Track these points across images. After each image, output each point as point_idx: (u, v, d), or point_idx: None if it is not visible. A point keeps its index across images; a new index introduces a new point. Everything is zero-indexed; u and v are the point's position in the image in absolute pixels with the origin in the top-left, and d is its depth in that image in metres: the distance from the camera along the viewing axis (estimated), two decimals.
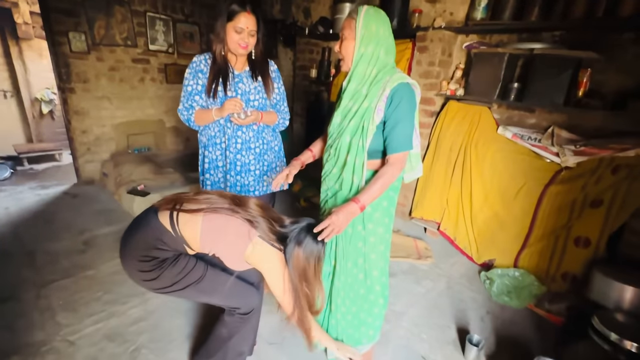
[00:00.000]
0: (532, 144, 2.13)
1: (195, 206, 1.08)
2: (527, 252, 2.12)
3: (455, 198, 2.51)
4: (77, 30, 2.90)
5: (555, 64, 1.98)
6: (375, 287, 1.39)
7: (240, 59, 1.49)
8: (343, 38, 1.17)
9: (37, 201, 2.96)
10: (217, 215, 1.08)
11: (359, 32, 1.11)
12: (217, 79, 1.44)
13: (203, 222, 1.06)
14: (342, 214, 1.07)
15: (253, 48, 1.47)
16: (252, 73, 1.51)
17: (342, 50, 1.18)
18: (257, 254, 1.08)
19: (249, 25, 1.36)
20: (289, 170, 1.38)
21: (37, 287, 1.85)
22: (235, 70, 1.50)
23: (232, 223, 1.07)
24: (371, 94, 1.15)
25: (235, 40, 1.38)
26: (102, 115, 3.25)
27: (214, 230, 1.07)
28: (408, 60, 2.71)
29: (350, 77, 1.20)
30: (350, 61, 1.18)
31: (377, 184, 1.12)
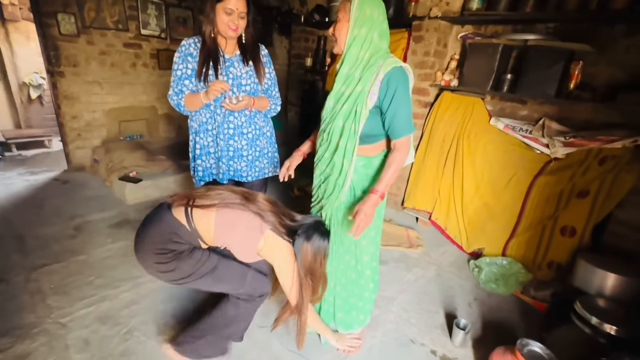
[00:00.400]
0: (523, 135, 2.16)
1: (207, 202, 1.13)
2: (515, 241, 2.17)
3: (447, 188, 2.54)
4: (66, 11, 2.82)
5: (549, 55, 1.99)
6: (365, 272, 1.41)
7: (230, 42, 1.47)
8: (337, 20, 1.16)
9: (26, 187, 2.92)
10: (229, 210, 1.13)
11: (353, 14, 1.11)
12: (208, 62, 1.42)
13: (216, 217, 1.11)
14: (366, 207, 1.13)
15: (243, 31, 1.45)
16: (243, 57, 1.50)
17: (336, 32, 1.18)
18: (269, 246, 1.14)
19: (239, 7, 1.35)
20: (290, 162, 1.42)
21: (27, 270, 1.83)
22: (226, 54, 1.48)
23: (244, 217, 1.13)
24: (364, 78, 1.15)
25: (225, 22, 1.36)
26: (92, 101, 3.19)
27: (227, 224, 1.12)
28: (403, 50, 2.71)
29: (343, 60, 1.20)
30: (343, 43, 1.18)
31: (390, 170, 1.16)
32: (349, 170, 1.22)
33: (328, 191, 1.31)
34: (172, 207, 1.14)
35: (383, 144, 1.27)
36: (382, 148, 1.28)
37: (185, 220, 1.11)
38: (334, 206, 1.30)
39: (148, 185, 2.77)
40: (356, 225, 1.12)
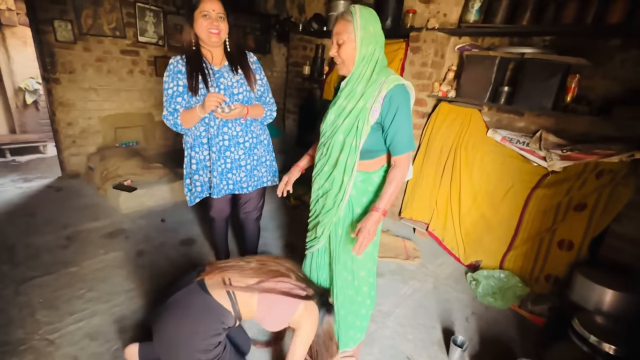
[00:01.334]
0: (520, 148, 2.16)
1: (243, 281, 1.16)
2: (513, 254, 2.16)
3: (444, 199, 2.53)
4: (62, 18, 2.81)
5: (545, 68, 2.00)
6: (362, 288, 1.39)
7: (216, 53, 1.46)
8: (340, 42, 1.13)
9: (19, 194, 2.88)
10: (270, 286, 1.16)
11: (358, 34, 1.10)
12: (197, 74, 1.40)
13: (259, 298, 1.14)
14: (369, 224, 1.13)
15: (227, 39, 1.44)
16: (231, 66, 1.48)
17: (342, 54, 1.15)
18: (306, 314, 1.17)
19: (215, 8, 1.33)
20: (288, 177, 1.42)
21: (16, 283, 1.79)
22: (214, 67, 1.47)
23: (283, 299, 1.15)
24: (367, 94, 1.15)
25: (205, 27, 1.34)
26: (88, 107, 3.16)
27: (269, 303, 1.15)
28: (401, 60, 2.71)
29: (349, 78, 1.19)
30: (351, 64, 1.16)
31: (391, 187, 1.16)
32: (349, 186, 1.21)
33: (327, 206, 1.29)
34: (209, 289, 1.11)
35: (383, 159, 1.27)
36: (382, 164, 1.27)
37: (231, 306, 1.10)
38: (332, 221, 1.28)
39: (143, 194, 2.74)
40: (359, 243, 1.12)
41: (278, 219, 2.81)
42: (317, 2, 3.56)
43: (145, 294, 1.78)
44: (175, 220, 2.64)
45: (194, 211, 2.80)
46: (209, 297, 1.09)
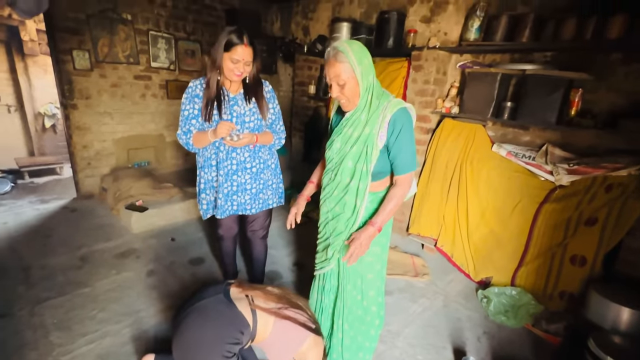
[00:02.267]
0: (526, 162, 2.15)
1: (266, 303, 1.20)
2: (524, 270, 2.11)
3: (451, 214, 2.52)
4: (81, 48, 2.98)
5: (547, 83, 2.02)
6: (371, 308, 1.39)
7: (234, 82, 1.53)
8: (341, 83, 1.15)
9: (36, 215, 2.97)
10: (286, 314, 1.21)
11: (357, 71, 1.13)
12: (212, 103, 1.47)
13: (275, 323, 1.18)
14: (362, 237, 1.16)
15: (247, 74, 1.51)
16: (245, 96, 1.55)
17: (347, 93, 1.17)
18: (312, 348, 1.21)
19: (245, 57, 1.41)
20: (296, 209, 1.46)
21: (31, 304, 1.84)
22: (230, 94, 1.53)
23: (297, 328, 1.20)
24: (371, 121, 1.18)
25: (231, 69, 1.42)
26: (103, 131, 3.29)
27: (283, 332, 1.19)
28: (404, 79, 2.77)
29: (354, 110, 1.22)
30: (357, 99, 1.19)
31: (390, 205, 1.19)
32: (361, 209, 1.24)
33: (338, 229, 1.31)
34: (235, 301, 1.16)
35: (389, 179, 1.30)
36: (389, 182, 1.31)
37: (252, 320, 1.14)
38: (344, 244, 1.30)
39: (154, 213, 2.80)
40: (350, 253, 1.16)
41: (286, 237, 2.83)
42: (321, 24, 3.68)
43: (155, 315, 1.80)
44: (185, 239, 2.69)
45: (203, 230, 2.84)
46: (235, 307, 1.13)
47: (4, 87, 4.32)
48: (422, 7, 2.76)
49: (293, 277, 2.28)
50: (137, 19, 3.24)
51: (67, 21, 2.85)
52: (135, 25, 3.24)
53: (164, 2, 3.37)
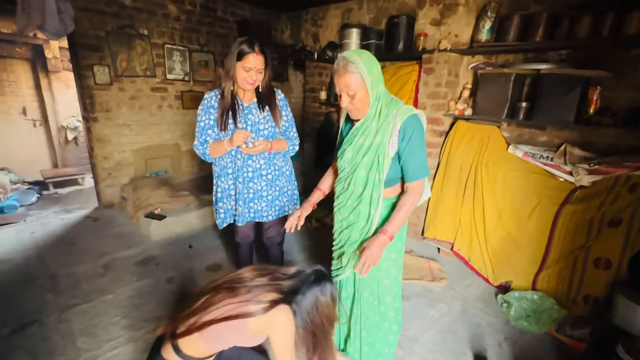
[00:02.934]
0: (544, 163, 2.11)
1: (189, 323, 1.05)
2: (545, 274, 2.06)
3: (467, 217, 2.48)
4: (101, 63, 3.10)
5: (564, 82, 1.98)
6: (388, 314, 1.39)
7: (248, 92, 1.57)
8: (351, 94, 1.15)
9: (61, 225, 3.10)
10: (208, 326, 1.03)
11: (367, 81, 1.13)
12: (227, 112, 1.52)
13: (203, 336, 1.03)
14: (374, 246, 1.16)
15: (260, 82, 1.55)
16: (259, 104, 1.58)
17: (357, 103, 1.17)
18: (266, 328, 1.03)
19: (257, 65, 1.45)
20: (300, 212, 1.44)
21: (59, 310, 1.91)
22: (244, 103, 1.57)
23: (226, 325, 1.02)
24: (382, 129, 1.19)
25: (244, 78, 1.46)
26: (122, 142, 3.41)
27: (216, 335, 1.04)
28: (415, 82, 2.76)
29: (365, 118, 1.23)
30: (367, 108, 1.19)
31: (401, 212, 1.19)
32: (375, 217, 1.24)
33: (353, 237, 1.32)
34: (162, 348, 1.09)
35: (401, 185, 1.30)
36: (401, 189, 1.31)
37: (177, 357, 1.05)
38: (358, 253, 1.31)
39: (172, 221, 2.88)
40: (362, 262, 1.15)
41: (301, 242, 2.85)
42: (330, 30, 3.73)
43: None
44: (202, 246, 2.74)
45: (219, 237, 2.89)
46: (160, 356, 1.05)
47: (29, 103, 4.53)
48: (431, 10, 2.76)
49: None
50: (153, 34, 3.35)
51: (88, 38, 2.99)
52: (152, 40, 3.35)
53: (178, 16, 3.48)
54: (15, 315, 1.85)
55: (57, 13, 1.64)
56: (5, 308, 1.90)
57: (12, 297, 2.01)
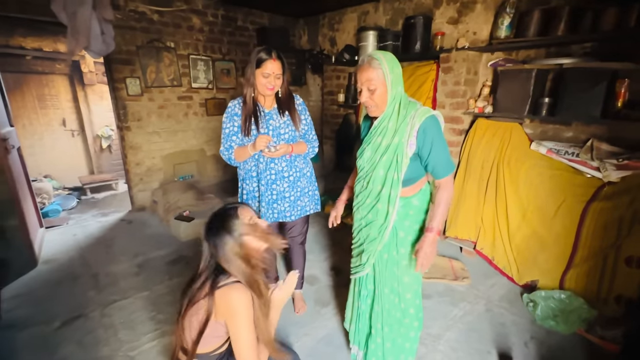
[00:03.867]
0: (569, 159, 2.06)
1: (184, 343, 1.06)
2: (573, 273, 2.01)
3: (490, 216, 2.45)
4: (132, 76, 3.32)
5: (589, 76, 1.94)
6: (409, 310, 1.42)
7: (268, 98, 1.66)
8: (372, 88, 1.21)
9: (99, 227, 3.33)
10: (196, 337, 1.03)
11: (388, 78, 1.20)
12: (250, 119, 1.61)
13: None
14: (425, 246, 1.22)
15: (279, 88, 1.63)
16: (279, 110, 1.66)
17: (376, 99, 1.23)
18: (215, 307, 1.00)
19: (275, 70, 1.53)
20: (336, 212, 1.58)
21: (101, 306, 2.08)
22: (265, 109, 1.66)
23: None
24: (400, 130, 1.24)
25: (263, 84, 1.55)
26: (152, 149, 3.62)
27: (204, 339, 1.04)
28: (433, 81, 2.77)
29: (381, 117, 1.28)
30: (384, 106, 1.25)
31: (440, 208, 1.25)
32: (392, 216, 1.29)
33: (371, 235, 1.37)
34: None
35: (420, 183, 1.34)
36: (420, 187, 1.35)
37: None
38: (377, 249, 1.35)
39: (199, 223, 3.02)
40: (420, 264, 1.23)
41: (322, 242, 2.91)
42: (347, 34, 3.78)
43: None
44: None
45: None
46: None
47: (68, 114, 4.88)
48: (448, 9, 2.76)
49: (330, 282, 2.34)
50: (179, 46, 3.54)
51: (121, 53, 3.20)
52: (178, 51, 3.54)
53: (201, 27, 3.66)
54: (63, 310, 2.03)
55: (100, 35, 1.81)
56: (55, 303, 2.09)
57: (61, 293, 2.20)
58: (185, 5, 3.46)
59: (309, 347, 1.74)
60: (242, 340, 0.99)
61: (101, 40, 1.83)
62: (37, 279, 2.36)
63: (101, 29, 1.81)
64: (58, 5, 1.64)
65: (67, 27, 1.67)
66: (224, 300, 0.99)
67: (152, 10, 3.26)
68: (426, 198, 1.37)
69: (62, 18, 1.67)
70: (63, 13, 1.66)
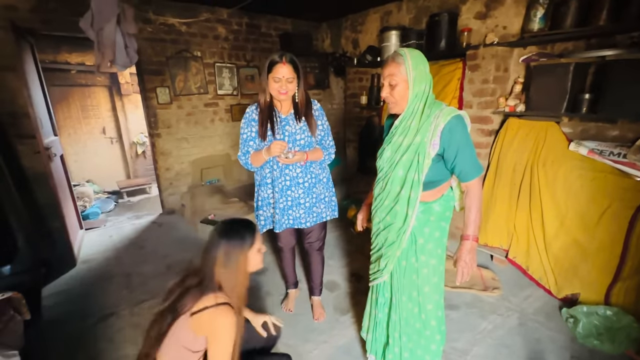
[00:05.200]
0: (615, 160, 1.87)
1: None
2: (621, 287, 1.81)
3: (523, 223, 2.28)
4: (162, 85, 3.49)
5: (636, 69, 1.74)
6: (430, 322, 1.35)
7: (284, 103, 1.65)
8: (393, 83, 1.19)
9: (133, 229, 3.52)
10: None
11: (411, 74, 1.16)
12: (266, 124, 1.61)
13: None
14: (464, 255, 1.19)
15: (297, 92, 1.62)
16: (295, 115, 1.66)
17: (395, 95, 1.20)
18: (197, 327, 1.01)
19: (285, 74, 1.52)
20: (361, 215, 1.61)
21: (132, 305, 2.18)
22: (281, 115, 1.66)
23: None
24: (423, 129, 1.18)
25: (275, 88, 1.55)
26: (181, 154, 3.77)
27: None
28: (459, 80, 2.64)
29: (402, 116, 1.23)
30: (404, 103, 1.21)
31: (472, 212, 1.20)
32: (412, 219, 1.23)
33: (390, 239, 1.32)
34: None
35: (442, 188, 1.27)
36: (442, 192, 1.28)
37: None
38: (396, 255, 1.30)
39: None
40: (460, 274, 1.20)
41: (342, 247, 2.87)
42: (370, 35, 3.72)
43: None
44: None
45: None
46: None
47: (107, 123, 5.24)
48: (475, 3, 2.63)
49: (350, 288, 2.30)
50: (205, 55, 3.68)
51: (152, 64, 3.38)
52: (204, 60, 3.68)
53: (226, 36, 3.77)
54: (99, 307, 2.15)
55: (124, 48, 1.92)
56: (91, 300, 2.23)
57: (97, 291, 2.35)
58: (211, 15, 3.58)
59: (327, 354, 1.71)
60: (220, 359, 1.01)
61: (125, 53, 1.94)
62: (76, 278, 2.53)
63: (125, 42, 1.92)
64: (86, 23, 1.77)
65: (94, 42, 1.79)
66: (211, 321, 1.00)
67: (180, 22, 3.41)
68: (448, 205, 1.30)
69: (90, 34, 1.80)
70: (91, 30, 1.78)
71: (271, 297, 2.22)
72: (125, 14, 1.90)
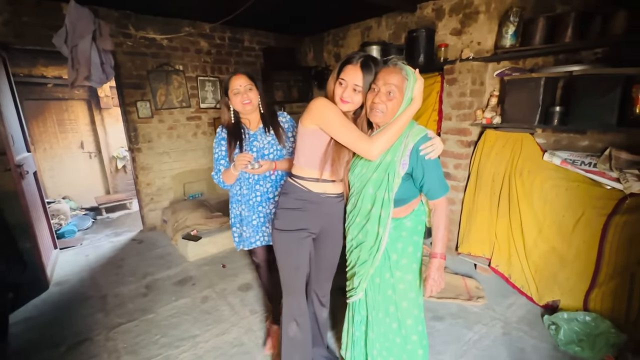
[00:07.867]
0: (586, 170, 1.95)
1: None
2: (598, 293, 1.86)
3: (504, 231, 2.33)
4: (143, 99, 3.43)
5: (601, 82, 1.85)
6: (411, 337, 1.34)
7: (252, 118, 1.64)
8: (392, 95, 1.12)
9: (111, 248, 3.38)
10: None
11: (407, 95, 1.14)
12: (234, 142, 1.60)
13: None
14: (432, 273, 1.22)
15: (259, 103, 1.62)
16: (264, 128, 1.65)
17: (389, 107, 1.13)
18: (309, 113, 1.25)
19: (242, 83, 1.54)
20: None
21: (107, 329, 2.07)
22: (250, 131, 1.65)
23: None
24: (393, 148, 1.18)
25: (238, 101, 1.55)
26: (162, 169, 3.69)
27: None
28: (438, 93, 2.72)
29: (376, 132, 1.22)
30: (390, 118, 1.16)
31: (440, 231, 1.22)
32: (384, 238, 1.22)
33: (362, 258, 1.31)
34: None
35: (413, 204, 1.28)
36: (412, 208, 1.29)
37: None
38: (369, 273, 1.29)
39: (206, 242, 3.02)
40: (428, 291, 1.23)
41: None
42: (351, 49, 3.80)
43: (208, 340, 1.92)
44: (234, 266, 2.84)
45: (249, 256, 2.98)
46: None
47: (86, 137, 5.09)
48: (451, 20, 2.73)
49: (336, 302, 2.26)
50: (188, 68, 3.65)
51: (132, 78, 3.33)
52: (186, 74, 3.65)
53: (209, 50, 3.77)
54: (70, 333, 2.03)
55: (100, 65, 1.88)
56: (63, 326, 2.11)
57: (69, 315, 2.22)
58: (193, 30, 3.58)
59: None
60: (344, 133, 1.17)
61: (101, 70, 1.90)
62: (48, 302, 2.40)
63: (101, 59, 1.89)
64: (60, 39, 1.73)
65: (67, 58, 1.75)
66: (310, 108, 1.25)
67: (162, 37, 3.39)
68: (420, 219, 1.31)
69: (64, 51, 1.75)
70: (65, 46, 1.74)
71: (256, 315, 2.16)
72: (102, 30, 1.87)
